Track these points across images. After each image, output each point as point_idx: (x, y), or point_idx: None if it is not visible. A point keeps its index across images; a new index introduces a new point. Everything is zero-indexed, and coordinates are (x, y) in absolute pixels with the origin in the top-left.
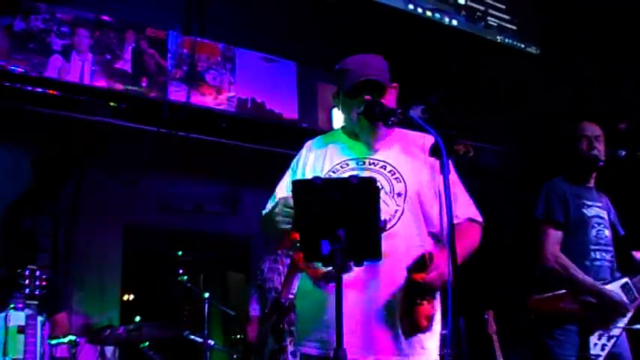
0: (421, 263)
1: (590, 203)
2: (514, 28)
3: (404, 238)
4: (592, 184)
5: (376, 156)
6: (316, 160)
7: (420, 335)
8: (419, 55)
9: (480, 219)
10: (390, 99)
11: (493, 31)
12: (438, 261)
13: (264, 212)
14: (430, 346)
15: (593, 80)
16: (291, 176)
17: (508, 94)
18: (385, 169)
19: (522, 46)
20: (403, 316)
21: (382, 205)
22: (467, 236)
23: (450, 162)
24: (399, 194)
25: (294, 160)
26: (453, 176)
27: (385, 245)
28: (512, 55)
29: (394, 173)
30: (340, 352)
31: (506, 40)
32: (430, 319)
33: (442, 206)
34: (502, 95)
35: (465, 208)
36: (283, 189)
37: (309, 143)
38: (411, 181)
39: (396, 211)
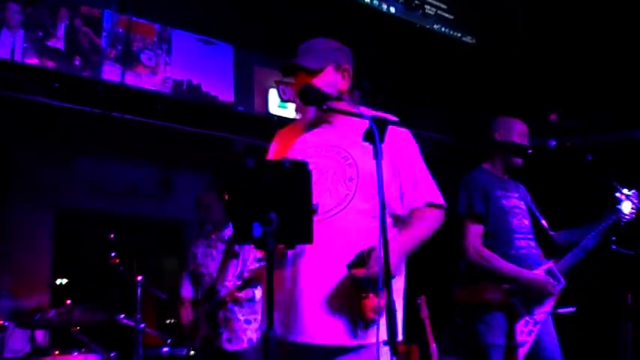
0: (361, 258)
1: (508, 194)
2: (451, 17)
3: (354, 223)
4: (508, 174)
5: (329, 141)
6: (279, 149)
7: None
8: (356, 41)
9: (440, 201)
10: (329, 80)
11: (430, 20)
12: (380, 253)
13: None
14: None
15: (527, 70)
16: None
17: (443, 83)
18: (339, 153)
19: (458, 35)
20: (351, 301)
21: (331, 191)
22: (423, 221)
23: (413, 142)
24: (350, 179)
25: (269, 152)
26: (415, 158)
27: (334, 229)
28: (448, 44)
29: (347, 158)
30: (270, 334)
31: (443, 29)
32: (377, 310)
33: (403, 187)
34: (437, 83)
35: (424, 191)
36: None
37: (279, 132)
38: (363, 164)
39: (346, 196)
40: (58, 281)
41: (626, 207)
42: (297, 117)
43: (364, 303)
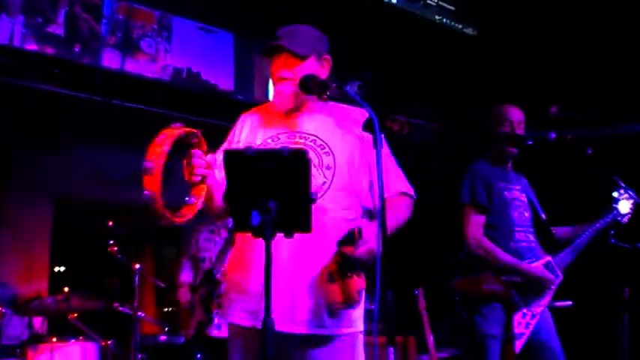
0: (351, 237)
1: (510, 186)
2: (452, 8)
3: (331, 211)
4: (511, 166)
5: (306, 129)
6: (250, 132)
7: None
8: (357, 31)
9: (411, 192)
10: (312, 69)
11: (431, 11)
12: (367, 236)
13: None
14: (355, 319)
15: (528, 63)
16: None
17: (444, 74)
18: (315, 142)
19: (460, 26)
20: (329, 289)
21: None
22: (397, 210)
23: (382, 136)
24: (327, 167)
25: (231, 133)
26: (385, 150)
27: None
28: (449, 36)
29: (324, 147)
30: (269, 321)
31: (444, 21)
32: (360, 293)
33: (374, 180)
34: (438, 74)
35: (396, 181)
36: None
37: (243, 115)
38: (340, 154)
39: (323, 183)
40: (57, 269)
41: (624, 206)
42: (275, 100)
43: (348, 283)
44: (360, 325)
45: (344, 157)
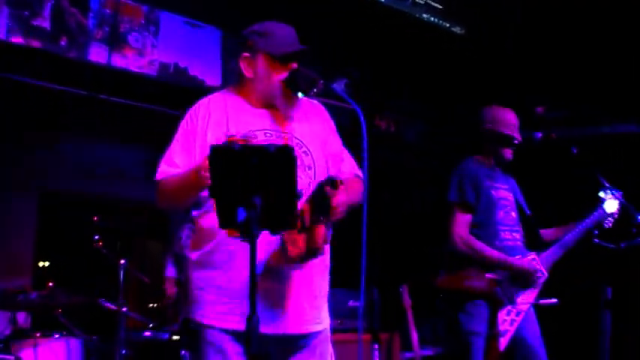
0: (333, 182)
1: (497, 185)
2: (440, 7)
3: None
4: (499, 166)
5: (283, 128)
6: (216, 126)
7: (319, 302)
8: (345, 29)
9: (361, 175)
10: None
11: (419, 9)
12: (346, 190)
13: (160, 178)
14: (320, 317)
15: (515, 62)
16: (188, 140)
17: (432, 72)
18: (291, 140)
19: (447, 25)
20: (293, 238)
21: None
22: (355, 190)
23: (331, 120)
24: (309, 167)
25: (188, 123)
26: (337, 132)
27: None
28: (437, 34)
29: (301, 146)
30: (254, 319)
31: (432, 19)
32: (326, 241)
33: (330, 160)
34: (426, 72)
35: (351, 164)
36: (179, 154)
37: (203, 105)
38: (317, 153)
39: (309, 184)
40: (41, 264)
41: (610, 206)
42: (263, 95)
43: (317, 228)
44: (327, 321)
45: (321, 155)
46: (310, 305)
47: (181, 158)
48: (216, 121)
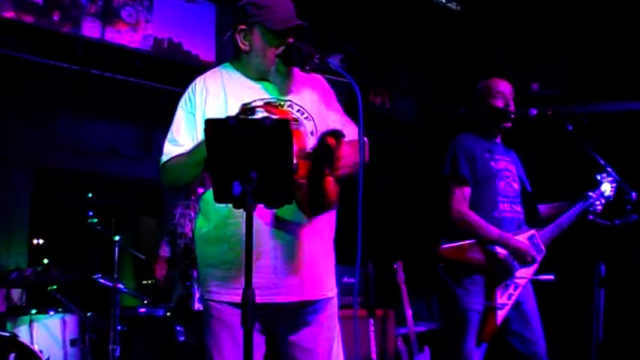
0: (336, 133)
1: (498, 157)
2: None
3: None
4: (499, 139)
5: (283, 97)
6: (215, 100)
7: (323, 273)
8: (341, 4)
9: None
10: None
11: None
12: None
13: (167, 159)
14: (332, 284)
15: (510, 39)
16: (189, 118)
17: (427, 49)
18: (292, 107)
19: (443, 1)
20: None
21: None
22: (357, 150)
23: (331, 89)
24: (312, 132)
25: (186, 102)
26: (336, 100)
27: None
28: (433, 10)
29: (303, 112)
30: (249, 292)
31: None
32: (336, 194)
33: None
34: (421, 49)
35: (353, 129)
36: (182, 132)
37: (200, 82)
38: (319, 119)
39: (311, 149)
40: (36, 241)
41: (607, 187)
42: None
43: (325, 182)
44: (334, 291)
45: (322, 121)
46: (325, 267)
47: (184, 137)
48: (214, 95)
